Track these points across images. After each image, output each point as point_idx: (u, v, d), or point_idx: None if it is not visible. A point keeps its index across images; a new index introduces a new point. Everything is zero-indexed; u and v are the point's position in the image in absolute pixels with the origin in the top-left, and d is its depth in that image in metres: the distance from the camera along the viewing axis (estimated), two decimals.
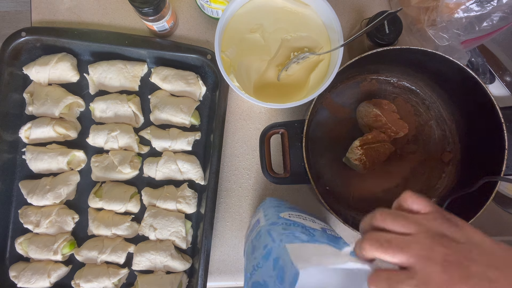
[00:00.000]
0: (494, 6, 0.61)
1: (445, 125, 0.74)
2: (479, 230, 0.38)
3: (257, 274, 0.47)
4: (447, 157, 0.73)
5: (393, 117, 0.71)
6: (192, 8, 0.78)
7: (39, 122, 0.72)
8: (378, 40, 0.65)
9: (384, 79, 0.75)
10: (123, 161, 0.72)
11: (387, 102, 0.72)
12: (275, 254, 0.46)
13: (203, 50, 0.72)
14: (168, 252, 0.70)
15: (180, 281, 0.70)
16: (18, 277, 0.69)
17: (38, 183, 0.72)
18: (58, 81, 0.74)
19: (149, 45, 0.72)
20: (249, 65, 0.66)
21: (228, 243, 0.75)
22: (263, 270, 0.47)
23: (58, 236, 0.71)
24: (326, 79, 0.62)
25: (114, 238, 0.72)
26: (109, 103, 0.73)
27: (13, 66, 0.72)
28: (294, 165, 0.64)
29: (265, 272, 0.46)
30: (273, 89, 0.66)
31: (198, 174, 0.73)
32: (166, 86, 0.74)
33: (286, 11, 0.66)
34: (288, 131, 0.64)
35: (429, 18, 0.65)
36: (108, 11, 0.77)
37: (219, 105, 0.72)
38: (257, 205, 0.75)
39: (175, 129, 0.74)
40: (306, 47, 0.66)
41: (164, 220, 0.71)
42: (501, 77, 0.78)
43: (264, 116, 0.77)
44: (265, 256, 0.47)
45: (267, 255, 0.47)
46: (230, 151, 0.76)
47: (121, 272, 0.70)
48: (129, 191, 0.73)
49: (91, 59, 0.75)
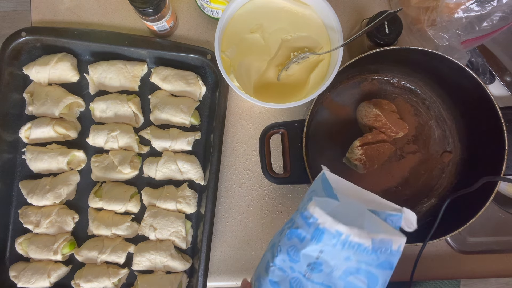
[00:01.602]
0: (494, 6, 0.61)
1: (445, 125, 0.74)
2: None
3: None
4: (447, 157, 0.73)
5: (393, 117, 0.71)
6: (192, 8, 0.78)
7: (39, 122, 0.72)
8: (378, 40, 0.65)
9: (384, 79, 0.75)
10: (123, 161, 0.72)
11: (387, 102, 0.72)
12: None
13: (203, 50, 0.72)
14: (168, 252, 0.70)
15: (180, 281, 0.70)
16: (18, 277, 0.69)
17: (38, 183, 0.72)
18: (58, 81, 0.74)
19: (149, 45, 0.72)
20: (249, 65, 0.66)
21: (228, 243, 0.75)
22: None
23: (58, 236, 0.71)
24: (326, 79, 0.62)
25: (114, 238, 0.72)
26: (109, 103, 0.73)
27: (13, 66, 0.72)
28: (294, 165, 0.64)
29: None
30: (273, 89, 0.67)
31: (198, 174, 0.73)
32: (166, 86, 0.74)
33: (286, 11, 0.66)
34: (288, 131, 0.64)
35: (429, 18, 0.65)
36: (108, 11, 0.77)
37: (219, 105, 0.72)
38: (257, 205, 0.76)
39: (175, 129, 0.74)
40: (306, 47, 0.66)
41: (164, 220, 0.71)
42: (501, 77, 0.78)
43: (264, 116, 0.77)
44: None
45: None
46: (230, 151, 0.76)
47: (121, 272, 0.70)
48: (129, 191, 0.73)
49: (91, 59, 0.75)
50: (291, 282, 0.45)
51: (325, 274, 0.44)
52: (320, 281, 0.44)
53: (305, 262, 0.44)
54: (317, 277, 0.44)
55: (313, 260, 0.44)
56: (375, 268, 0.43)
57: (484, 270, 0.77)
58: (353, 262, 0.43)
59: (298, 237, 0.45)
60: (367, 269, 0.43)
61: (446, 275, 0.77)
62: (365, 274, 0.43)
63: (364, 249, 0.43)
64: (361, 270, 0.43)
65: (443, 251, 0.76)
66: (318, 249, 0.43)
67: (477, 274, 0.77)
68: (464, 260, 0.76)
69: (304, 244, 0.44)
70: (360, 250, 0.43)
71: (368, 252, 0.43)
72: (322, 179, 0.50)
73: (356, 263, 0.43)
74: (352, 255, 0.43)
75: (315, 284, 0.44)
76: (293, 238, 0.45)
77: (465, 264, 0.76)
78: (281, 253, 0.46)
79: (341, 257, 0.43)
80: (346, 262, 0.43)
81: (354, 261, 0.43)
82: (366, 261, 0.43)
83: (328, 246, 0.43)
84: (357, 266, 0.43)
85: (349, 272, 0.43)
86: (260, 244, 0.75)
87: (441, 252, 0.76)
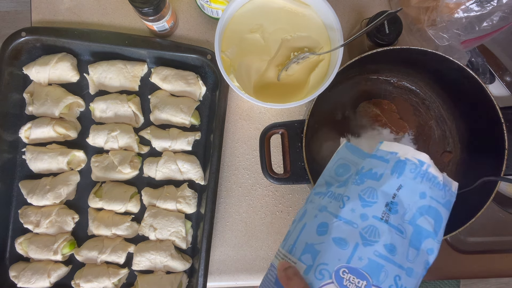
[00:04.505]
0: (494, 6, 0.61)
1: (445, 125, 0.74)
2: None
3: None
4: (447, 157, 0.73)
5: (393, 117, 0.71)
6: (192, 8, 0.78)
7: (39, 122, 0.72)
8: (378, 40, 0.65)
9: (384, 79, 0.75)
10: (123, 161, 0.72)
11: (387, 102, 0.72)
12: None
13: (203, 50, 0.72)
14: (168, 252, 0.70)
15: (180, 281, 0.70)
16: (18, 277, 0.69)
17: (38, 183, 0.72)
18: (58, 81, 0.74)
19: (149, 45, 0.72)
20: (249, 65, 0.66)
21: (228, 243, 0.75)
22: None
23: (58, 236, 0.71)
24: (326, 79, 0.62)
25: (114, 238, 0.72)
26: (109, 103, 0.73)
27: (13, 66, 0.72)
28: (294, 165, 0.64)
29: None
30: (273, 89, 0.66)
31: (198, 174, 0.73)
32: (166, 86, 0.74)
33: (286, 11, 0.66)
34: (288, 131, 0.64)
35: (429, 18, 0.65)
36: (108, 11, 0.77)
37: (219, 105, 0.72)
38: (257, 205, 0.76)
39: (175, 129, 0.74)
40: (306, 47, 0.66)
41: (164, 220, 0.71)
42: (501, 77, 0.78)
43: (264, 116, 0.77)
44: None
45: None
46: (230, 151, 0.76)
47: (121, 272, 0.70)
48: (129, 191, 0.73)
49: (91, 59, 0.75)
50: (362, 233, 0.42)
51: (399, 216, 0.43)
52: (396, 224, 0.42)
53: (383, 202, 0.43)
54: (394, 220, 0.42)
55: (390, 199, 0.43)
56: (442, 207, 0.44)
57: (484, 270, 0.77)
58: (426, 200, 0.43)
59: (374, 176, 0.44)
60: (436, 208, 0.44)
61: (446, 275, 0.77)
62: (434, 213, 0.43)
63: (437, 183, 0.44)
64: (431, 209, 0.43)
65: (443, 251, 0.76)
66: (397, 184, 0.43)
67: (477, 274, 0.77)
68: (464, 260, 0.76)
69: (382, 181, 0.43)
70: (435, 184, 0.43)
71: (440, 187, 0.44)
72: (347, 146, 0.50)
73: (429, 200, 0.43)
74: (428, 189, 0.43)
75: (392, 227, 0.42)
76: (366, 180, 0.44)
77: (465, 264, 0.76)
78: (350, 201, 0.43)
79: (417, 193, 0.43)
80: (420, 199, 0.43)
81: (427, 198, 0.43)
82: (437, 198, 0.43)
83: (408, 179, 0.43)
84: (429, 204, 0.43)
85: (421, 212, 0.43)
86: (260, 244, 0.75)
87: (441, 252, 0.76)
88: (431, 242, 0.44)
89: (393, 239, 0.41)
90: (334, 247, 0.42)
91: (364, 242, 0.41)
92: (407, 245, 0.42)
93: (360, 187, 0.44)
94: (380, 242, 0.41)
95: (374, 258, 0.41)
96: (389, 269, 0.40)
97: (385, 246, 0.41)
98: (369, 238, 0.41)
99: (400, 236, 0.42)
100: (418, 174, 0.43)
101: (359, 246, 0.41)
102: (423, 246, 0.43)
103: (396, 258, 0.41)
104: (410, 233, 0.43)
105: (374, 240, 0.41)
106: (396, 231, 0.42)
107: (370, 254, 0.41)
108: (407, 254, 0.42)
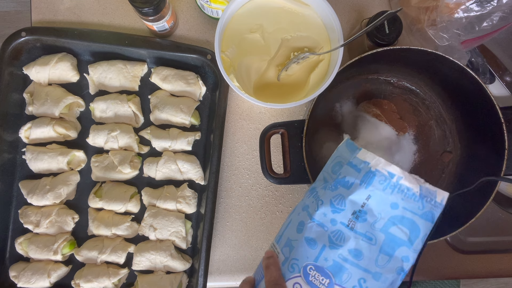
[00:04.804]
0: (494, 6, 0.61)
1: (445, 125, 0.74)
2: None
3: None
4: (447, 157, 0.73)
5: (393, 117, 0.71)
6: (192, 8, 0.78)
7: (39, 122, 0.72)
8: (378, 40, 0.65)
9: (384, 79, 0.75)
10: (123, 161, 0.72)
11: (387, 102, 0.72)
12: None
13: (203, 50, 0.72)
14: (168, 252, 0.70)
15: (180, 281, 0.70)
16: (18, 277, 0.69)
17: (38, 183, 0.72)
18: (58, 81, 0.74)
19: (149, 45, 0.72)
20: (249, 65, 0.66)
21: (228, 243, 0.75)
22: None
23: (58, 236, 0.71)
24: (326, 79, 0.62)
25: (114, 238, 0.72)
26: (109, 103, 0.73)
27: (13, 66, 0.72)
28: (294, 165, 0.64)
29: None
30: (273, 89, 0.66)
31: (198, 174, 0.73)
32: (166, 86, 0.74)
33: (286, 11, 0.66)
34: (288, 131, 0.64)
35: (429, 18, 0.65)
36: (108, 11, 0.77)
37: (219, 105, 0.72)
38: (257, 205, 0.76)
39: (175, 129, 0.74)
40: (306, 47, 0.66)
41: (164, 220, 0.71)
42: (501, 77, 0.78)
43: (264, 116, 0.77)
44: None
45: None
46: (230, 151, 0.76)
47: (121, 272, 0.70)
48: (129, 191, 0.73)
49: (91, 59, 0.75)
50: (330, 236, 0.45)
51: (368, 224, 0.44)
52: (363, 231, 0.44)
53: (350, 210, 0.44)
54: (361, 227, 0.44)
55: (358, 208, 0.44)
56: (419, 218, 0.44)
57: (484, 270, 0.77)
58: (399, 210, 0.43)
59: (345, 184, 0.45)
60: (411, 219, 0.44)
61: (446, 275, 0.77)
62: (409, 224, 0.44)
63: (412, 194, 0.44)
64: (405, 220, 0.44)
65: (443, 251, 0.76)
66: (366, 194, 0.44)
67: (477, 274, 0.77)
68: (464, 260, 0.76)
69: (351, 190, 0.44)
70: (409, 195, 0.43)
71: (416, 199, 0.44)
72: (347, 144, 0.50)
73: (402, 211, 0.43)
74: (400, 200, 0.43)
75: (357, 234, 0.44)
76: (339, 187, 0.46)
77: (465, 264, 0.76)
78: (322, 206, 0.46)
79: (387, 204, 0.43)
80: (392, 210, 0.44)
81: (400, 208, 0.43)
82: (411, 209, 0.44)
83: (377, 190, 0.43)
84: (402, 214, 0.44)
85: (393, 221, 0.44)
86: (260, 244, 0.75)
87: (441, 252, 0.76)
88: (406, 250, 0.44)
89: (358, 245, 0.44)
90: (305, 245, 0.45)
91: (331, 245, 0.44)
92: (376, 251, 0.44)
93: (333, 193, 0.46)
94: (345, 247, 0.44)
95: (338, 260, 0.44)
96: (352, 271, 0.43)
97: (349, 250, 0.44)
98: (335, 241, 0.44)
99: (368, 243, 0.44)
100: (388, 186, 0.44)
101: (326, 248, 0.44)
102: (397, 253, 0.44)
103: (361, 262, 0.44)
104: (381, 240, 0.44)
105: (339, 245, 0.44)
106: (363, 237, 0.44)
107: (335, 256, 0.44)
108: (376, 259, 0.44)
